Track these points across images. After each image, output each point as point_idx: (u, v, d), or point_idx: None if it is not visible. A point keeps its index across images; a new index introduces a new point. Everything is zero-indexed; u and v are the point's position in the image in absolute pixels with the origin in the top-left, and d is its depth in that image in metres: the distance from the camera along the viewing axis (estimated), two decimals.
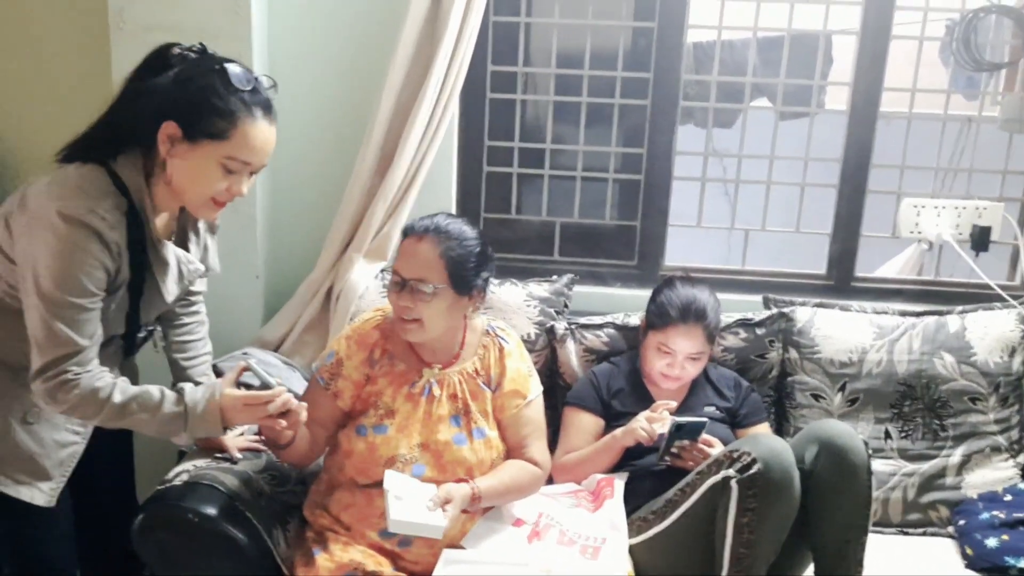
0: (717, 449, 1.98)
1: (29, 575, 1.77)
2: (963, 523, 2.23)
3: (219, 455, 1.95)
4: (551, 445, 2.14)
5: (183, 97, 1.56)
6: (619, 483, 2.04)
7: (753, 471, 1.75)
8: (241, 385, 1.73)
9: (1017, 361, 2.40)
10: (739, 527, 1.77)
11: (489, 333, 2.02)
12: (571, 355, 2.37)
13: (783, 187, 2.78)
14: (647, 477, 2.06)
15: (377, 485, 1.83)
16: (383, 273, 2.44)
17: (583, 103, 2.69)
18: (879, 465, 2.30)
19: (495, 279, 2.44)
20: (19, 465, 1.67)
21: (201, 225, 1.82)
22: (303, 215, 2.56)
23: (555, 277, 2.51)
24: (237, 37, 2.28)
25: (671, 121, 2.64)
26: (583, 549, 1.88)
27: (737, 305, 2.45)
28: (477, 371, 1.97)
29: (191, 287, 1.87)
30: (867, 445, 1.87)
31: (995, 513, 2.19)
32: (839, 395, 2.38)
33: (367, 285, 2.38)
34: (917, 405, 2.37)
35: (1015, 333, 2.41)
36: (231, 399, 1.68)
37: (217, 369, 2.20)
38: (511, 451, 2.00)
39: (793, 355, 2.41)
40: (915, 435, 2.36)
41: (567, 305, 2.48)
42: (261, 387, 1.72)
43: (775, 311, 2.44)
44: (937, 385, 2.37)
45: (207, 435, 1.79)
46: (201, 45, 1.64)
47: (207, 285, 1.96)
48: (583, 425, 2.20)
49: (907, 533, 2.31)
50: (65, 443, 1.72)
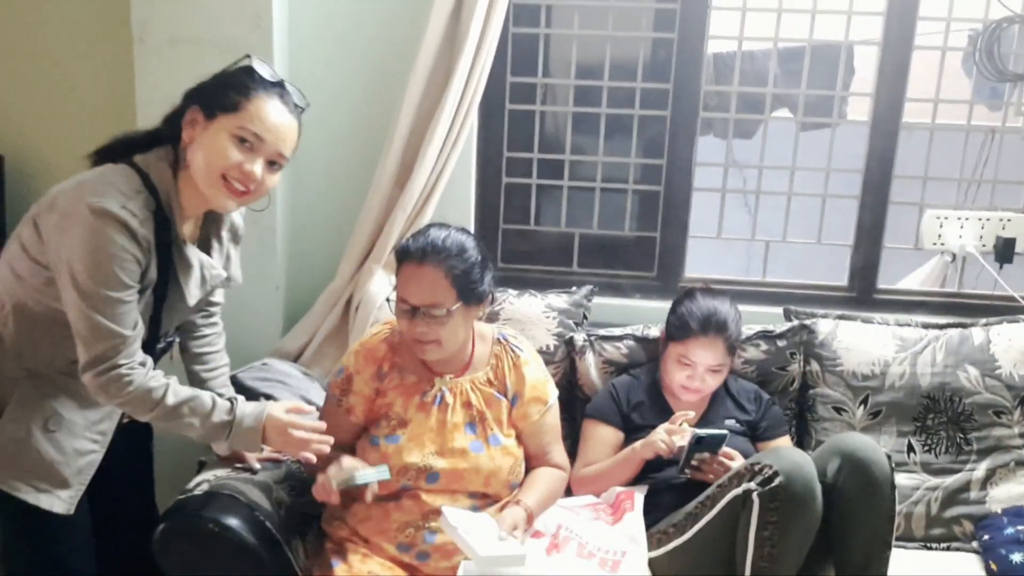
0: (738, 462, 1.96)
1: None
2: (987, 538, 2.20)
3: (239, 465, 1.96)
4: (569, 457, 2.14)
5: (209, 83, 1.63)
6: (639, 496, 2.03)
7: (775, 484, 1.74)
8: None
9: None
10: (760, 541, 1.76)
11: (500, 342, 2.01)
12: (590, 367, 2.36)
13: (804, 198, 2.76)
14: (667, 490, 2.05)
15: (392, 497, 1.83)
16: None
17: (602, 114, 2.69)
18: (902, 479, 2.27)
19: (513, 290, 2.45)
20: (39, 473, 1.68)
21: (224, 234, 1.83)
22: (323, 226, 2.57)
23: (574, 288, 2.51)
24: (259, 48, 2.29)
25: (691, 132, 2.63)
26: (602, 562, 1.87)
27: (758, 317, 2.43)
28: (490, 380, 1.96)
29: (211, 297, 1.89)
30: (890, 458, 1.85)
31: (1020, 528, 2.16)
32: (861, 408, 2.36)
33: (387, 295, 2.39)
34: (941, 418, 2.35)
35: None
36: (276, 421, 1.74)
37: (237, 380, 2.21)
38: (533, 458, 2.00)
39: (815, 367, 2.39)
40: (939, 449, 2.34)
41: (586, 316, 2.48)
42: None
43: (796, 323, 2.42)
44: (961, 398, 2.35)
45: (245, 449, 1.85)
46: (248, 56, 1.70)
47: (226, 296, 1.98)
48: (603, 438, 2.19)
49: (931, 548, 2.28)
50: (84, 451, 1.73)
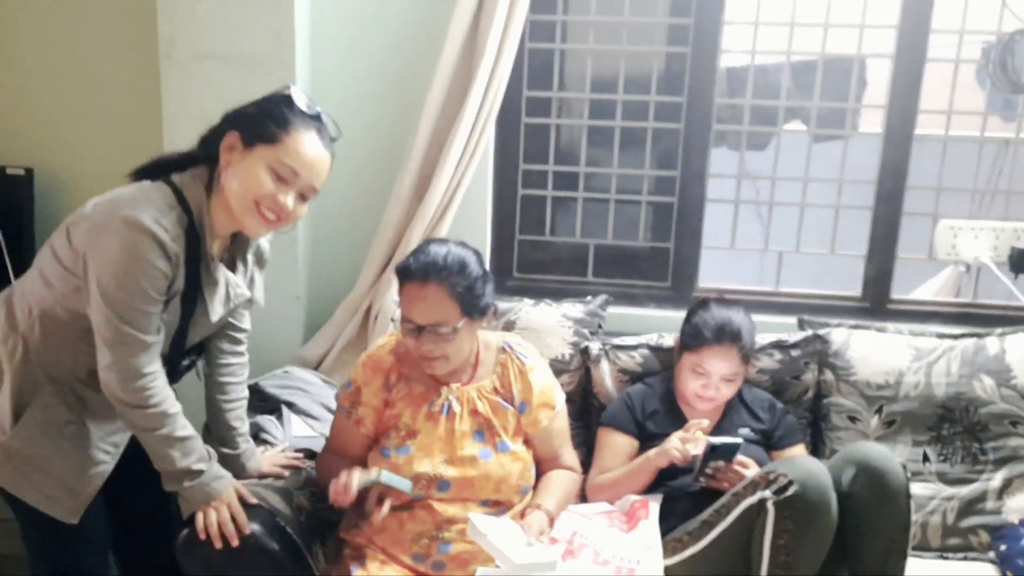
0: (752, 470, 1.96)
1: None
2: (1004, 548, 2.19)
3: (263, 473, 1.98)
4: (585, 466, 2.16)
5: (249, 109, 1.66)
6: (654, 505, 2.03)
7: (790, 493, 1.74)
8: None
9: None
10: (775, 550, 1.76)
11: (505, 350, 2.01)
12: (605, 376, 2.38)
13: (817, 209, 2.77)
14: (682, 498, 2.06)
15: (405, 507, 1.85)
16: None
17: (617, 127, 2.72)
18: (917, 488, 2.26)
19: (529, 300, 2.47)
20: (50, 479, 1.70)
21: (250, 256, 1.85)
22: (343, 237, 2.60)
23: (589, 298, 2.52)
24: (281, 64, 2.34)
25: (704, 144, 2.65)
26: (618, 569, 1.87)
27: (772, 327, 2.43)
28: (496, 389, 1.97)
29: (238, 321, 1.91)
30: (905, 468, 1.84)
31: None
32: (876, 417, 2.35)
33: None
34: (956, 428, 2.34)
35: None
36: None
37: (259, 387, 2.24)
38: (545, 463, 2.02)
39: (829, 377, 2.39)
40: (954, 459, 2.33)
41: (601, 326, 2.49)
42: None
43: (810, 333, 2.42)
44: (976, 408, 2.34)
45: (189, 500, 1.78)
46: (288, 86, 1.72)
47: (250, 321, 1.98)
48: (617, 446, 2.20)
49: (947, 558, 2.27)
50: (96, 461, 1.74)
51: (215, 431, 1.92)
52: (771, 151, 2.85)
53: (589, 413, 2.37)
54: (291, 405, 2.25)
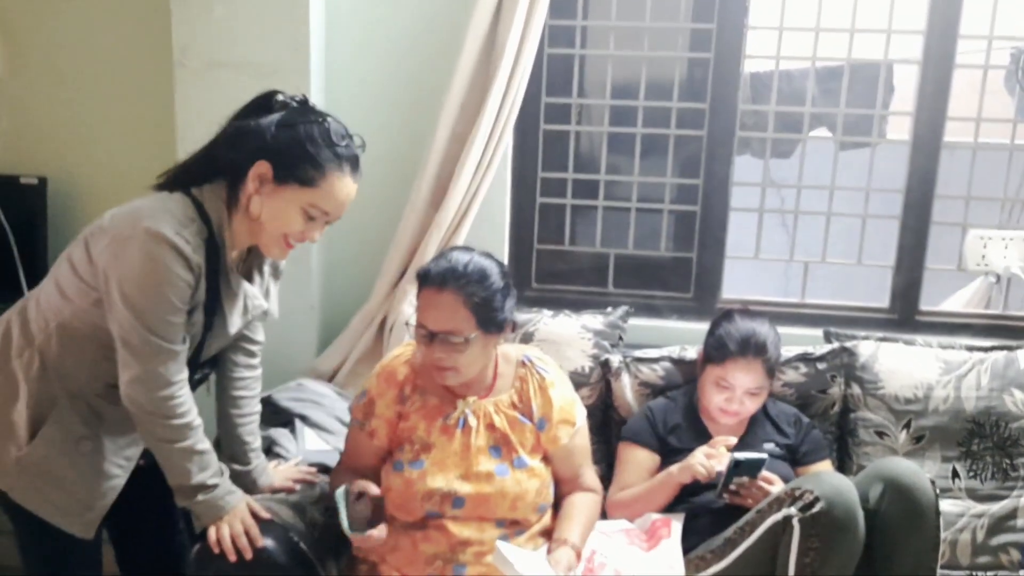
0: (777, 487, 1.94)
1: None
2: None
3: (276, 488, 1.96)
4: (605, 481, 2.13)
5: (282, 140, 1.63)
6: (676, 524, 2.00)
7: (816, 510, 1.71)
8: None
9: None
10: (801, 568, 1.73)
11: (525, 364, 1.97)
12: (626, 389, 2.34)
13: (844, 218, 2.74)
14: (705, 515, 2.03)
15: (418, 526, 1.82)
16: None
17: (638, 134, 2.69)
18: (947, 505, 2.22)
19: (548, 311, 2.44)
20: (64, 493, 1.69)
21: (266, 268, 1.85)
22: (358, 247, 2.59)
23: (610, 309, 2.50)
24: (296, 71, 2.34)
25: (728, 151, 2.62)
26: None
27: (797, 339, 2.40)
28: (514, 403, 1.93)
29: (253, 334, 1.91)
30: (934, 484, 1.82)
31: None
32: (904, 432, 2.31)
33: None
34: (986, 443, 2.30)
35: None
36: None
37: (271, 400, 2.22)
38: (566, 482, 1.98)
39: (856, 391, 2.35)
40: (984, 475, 2.29)
41: (622, 338, 2.46)
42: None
43: (836, 345, 2.39)
44: (1007, 423, 2.30)
45: (201, 516, 1.75)
46: (303, 96, 1.71)
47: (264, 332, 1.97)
48: (638, 461, 2.17)
49: None
50: (110, 475, 1.73)
51: (226, 446, 1.91)
52: (796, 159, 2.82)
53: (609, 427, 2.34)
54: (305, 418, 2.23)
